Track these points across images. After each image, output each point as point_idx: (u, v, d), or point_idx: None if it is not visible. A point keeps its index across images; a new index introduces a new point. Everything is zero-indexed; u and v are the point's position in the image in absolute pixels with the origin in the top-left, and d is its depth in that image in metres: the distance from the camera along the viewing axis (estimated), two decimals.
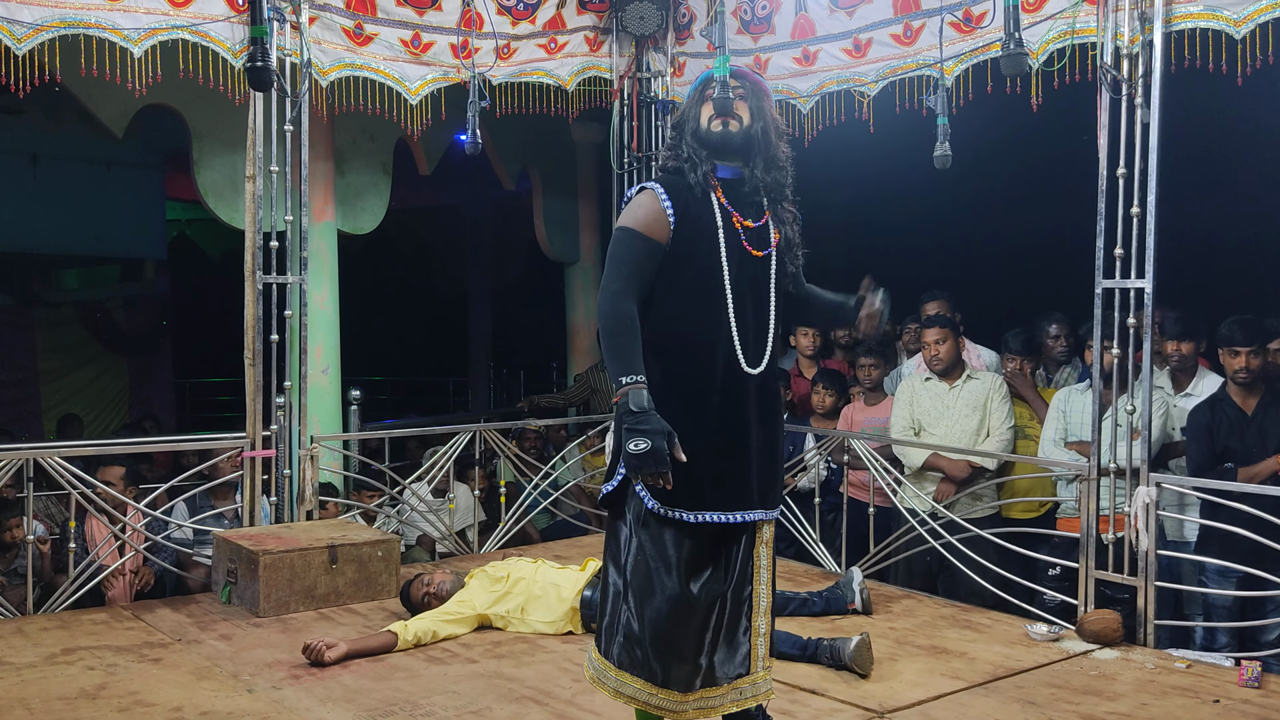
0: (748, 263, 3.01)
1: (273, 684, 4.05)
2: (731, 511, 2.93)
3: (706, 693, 2.98)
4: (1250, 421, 4.76)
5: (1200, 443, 4.80)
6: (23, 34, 4.73)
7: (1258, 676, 4.02)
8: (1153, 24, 4.48)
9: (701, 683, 2.96)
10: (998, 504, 5.52)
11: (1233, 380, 4.80)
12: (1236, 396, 4.80)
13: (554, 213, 8.81)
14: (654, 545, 2.91)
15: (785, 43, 5.99)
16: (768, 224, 3.08)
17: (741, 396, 2.97)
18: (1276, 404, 4.80)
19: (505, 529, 6.35)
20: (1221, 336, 4.83)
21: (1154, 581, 4.54)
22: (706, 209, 3.00)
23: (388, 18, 5.77)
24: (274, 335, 5.51)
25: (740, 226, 3.02)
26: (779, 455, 3.16)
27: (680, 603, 2.89)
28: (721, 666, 3.00)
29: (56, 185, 9.76)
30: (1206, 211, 7.37)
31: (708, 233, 2.98)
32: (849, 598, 4.96)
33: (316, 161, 6.42)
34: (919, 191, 7.25)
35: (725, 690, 3.01)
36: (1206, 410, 4.85)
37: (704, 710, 3.00)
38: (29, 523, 5.08)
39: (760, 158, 3.08)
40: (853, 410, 6.17)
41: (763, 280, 3.06)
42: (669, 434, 2.77)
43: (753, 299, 3.02)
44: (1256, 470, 4.64)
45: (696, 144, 3.04)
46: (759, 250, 3.04)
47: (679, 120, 3.12)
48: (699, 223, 2.98)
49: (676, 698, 2.93)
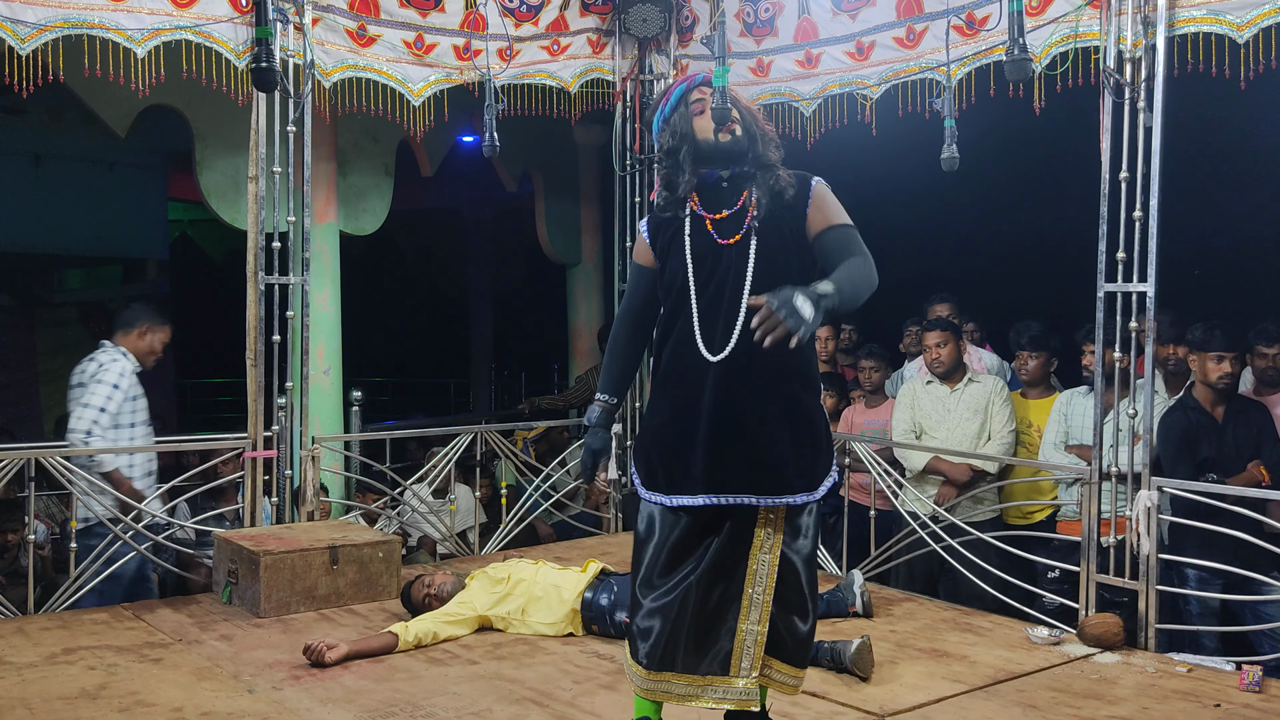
0: (714, 251, 3.04)
1: (273, 684, 4.04)
2: (674, 495, 3.02)
3: (669, 677, 3.00)
4: (1223, 429, 4.75)
5: (1180, 449, 4.76)
6: (26, 34, 4.73)
7: (1259, 681, 4.02)
8: (1155, 28, 4.49)
9: (662, 665, 2.98)
10: (999, 507, 5.52)
11: (1213, 386, 4.77)
12: (1205, 403, 4.79)
13: (556, 214, 8.81)
14: (639, 527, 3.10)
15: (788, 45, 5.99)
16: (744, 206, 3.04)
17: (701, 383, 2.98)
18: (1244, 411, 4.79)
19: (506, 530, 6.35)
20: (1200, 341, 4.80)
21: (1155, 585, 4.54)
22: (678, 222, 3.11)
23: (391, 19, 5.77)
24: (276, 336, 5.52)
25: (710, 222, 3.06)
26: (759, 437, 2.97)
27: (645, 581, 3.02)
28: (688, 657, 3.00)
29: (59, 185, 9.75)
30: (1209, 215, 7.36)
31: (677, 240, 3.10)
32: (850, 600, 4.96)
33: (319, 162, 6.42)
34: (921, 194, 7.24)
35: (691, 681, 3.01)
36: (1180, 416, 4.82)
37: (662, 694, 3.02)
38: (31, 523, 5.08)
39: (750, 155, 3.08)
40: (853, 412, 6.17)
41: (737, 265, 3.01)
42: (594, 451, 3.32)
43: (720, 288, 3.01)
44: (1240, 481, 4.64)
45: (691, 159, 3.07)
46: (728, 237, 3.04)
47: (673, 145, 3.08)
48: (671, 235, 3.12)
49: (640, 672, 3.01)
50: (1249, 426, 4.76)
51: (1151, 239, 4.54)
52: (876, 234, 3.26)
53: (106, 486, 5.11)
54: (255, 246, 5.50)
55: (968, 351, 5.91)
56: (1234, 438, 4.74)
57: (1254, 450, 4.73)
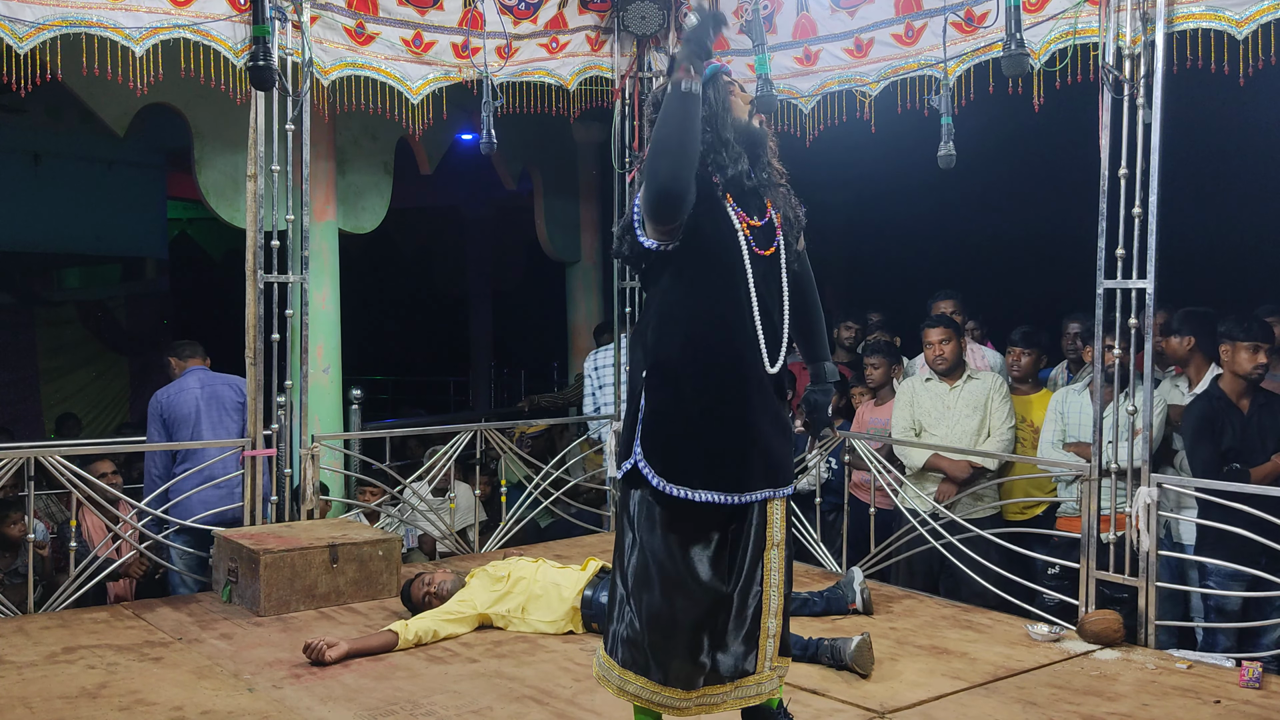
0: (759, 263, 3.01)
1: (273, 683, 4.04)
2: (732, 494, 2.91)
3: (709, 690, 2.97)
4: (1248, 420, 4.75)
5: (1204, 441, 4.77)
6: (25, 33, 4.73)
7: (1259, 677, 4.02)
8: (1155, 24, 4.48)
9: (705, 681, 2.95)
10: (999, 504, 5.52)
11: (1246, 377, 4.75)
12: (1231, 394, 4.79)
13: (555, 212, 8.82)
14: (655, 540, 2.91)
15: (787, 42, 5.98)
16: (771, 218, 3.08)
17: (750, 385, 2.95)
18: (1269, 405, 4.79)
19: (506, 528, 6.35)
20: (1233, 331, 4.79)
21: (1155, 582, 4.54)
22: (721, 210, 2.98)
23: (389, 17, 5.77)
24: (275, 334, 5.51)
25: (749, 228, 3.01)
26: (787, 441, 3.10)
27: (680, 596, 2.88)
28: (725, 665, 2.98)
29: (58, 184, 9.76)
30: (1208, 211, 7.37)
31: (728, 235, 2.97)
32: (850, 598, 4.96)
33: (318, 161, 6.42)
34: (919, 191, 7.26)
35: (729, 688, 3.00)
36: (1205, 404, 4.82)
37: (706, 707, 2.99)
38: (30, 522, 5.08)
39: (764, 158, 3.10)
40: (864, 410, 6.19)
41: (774, 278, 3.06)
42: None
43: (770, 300, 3.02)
44: (1264, 471, 4.64)
45: (737, 141, 3.01)
46: (765, 249, 3.04)
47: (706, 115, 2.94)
48: (717, 221, 2.97)
49: (679, 695, 2.93)
50: (1275, 418, 4.75)
51: (1151, 235, 4.53)
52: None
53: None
54: (254, 245, 5.50)
55: (969, 349, 5.91)
56: (1259, 429, 4.72)
57: (1278, 443, 4.73)
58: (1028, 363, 5.76)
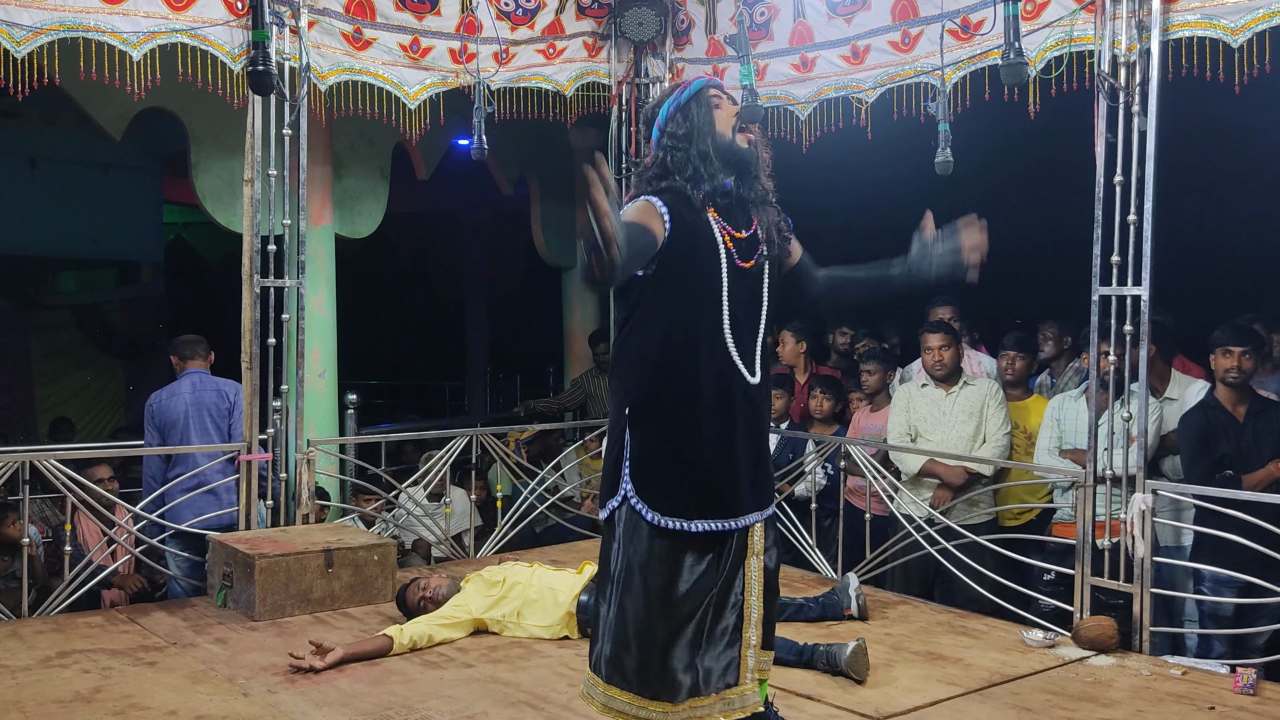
0: (739, 275, 3.02)
1: (268, 688, 4.04)
2: (725, 519, 2.96)
3: (695, 702, 2.98)
4: (1243, 428, 4.77)
5: (1198, 449, 4.80)
6: (22, 37, 4.73)
7: (1253, 683, 4.02)
8: (1150, 32, 4.49)
9: (688, 693, 2.96)
10: (994, 510, 5.53)
11: (1222, 381, 4.80)
12: (1227, 403, 4.81)
13: (551, 218, 8.81)
14: (641, 559, 2.93)
15: (783, 49, 5.99)
16: (756, 231, 3.08)
17: (734, 406, 2.98)
18: (1266, 412, 4.81)
19: (501, 534, 6.34)
20: (1214, 339, 4.84)
21: (1150, 588, 4.55)
22: (703, 223, 2.99)
23: (387, 22, 5.77)
24: (271, 339, 5.51)
25: (731, 240, 3.02)
26: (767, 456, 3.16)
27: (666, 615, 2.91)
28: (709, 676, 2.99)
29: (54, 188, 9.76)
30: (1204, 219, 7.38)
31: (707, 248, 2.98)
32: (845, 603, 4.96)
33: (314, 165, 6.41)
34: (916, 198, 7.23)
35: (713, 700, 3.00)
36: (1200, 415, 4.85)
37: None
38: (25, 526, 5.07)
39: (754, 169, 3.10)
40: (860, 416, 6.19)
41: (756, 290, 3.07)
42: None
43: (747, 311, 3.03)
44: (1257, 478, 4.66)
45: (716, 157, 3.01)
46: (747, 261, 3.04)
47: (685, 132, 3.02)
48: (696, 235, 2.97)
49: (665, 708, 2.94)
50: (1270, 426, 4.78)
51: (1146, 242, 4.54)
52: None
53: None
54: (251, 249, 5.50)
55: (966, 355, 5.92)
56: (1254, 436, 4.75)
57: (1275, 450, 4.74)
58: (1021, 367, 5.77)
